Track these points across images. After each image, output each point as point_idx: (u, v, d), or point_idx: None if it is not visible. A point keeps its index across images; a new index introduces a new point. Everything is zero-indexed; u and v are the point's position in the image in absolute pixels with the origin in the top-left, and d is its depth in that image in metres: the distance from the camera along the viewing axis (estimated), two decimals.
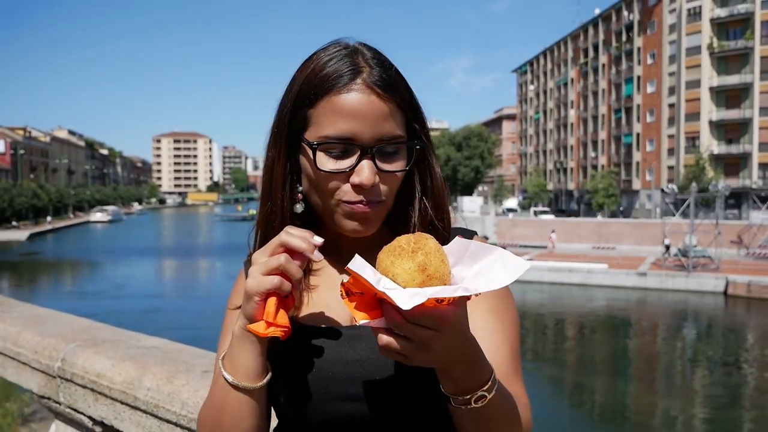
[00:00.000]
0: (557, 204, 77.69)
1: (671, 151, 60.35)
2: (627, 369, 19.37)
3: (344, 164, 0.96)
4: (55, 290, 33.20)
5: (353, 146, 0.95)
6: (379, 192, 0.98)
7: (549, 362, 19.57)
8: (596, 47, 73.79)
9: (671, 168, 59.96)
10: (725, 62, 56.66)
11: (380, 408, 0.96)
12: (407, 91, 1.01)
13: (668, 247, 34.60)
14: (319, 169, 0.96)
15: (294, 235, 0.91)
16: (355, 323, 0.77)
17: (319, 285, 1.07)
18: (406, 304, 0.70)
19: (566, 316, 26.53)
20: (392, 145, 0.97)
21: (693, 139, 57.85)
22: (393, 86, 0.97)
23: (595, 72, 73.68)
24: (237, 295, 1.10)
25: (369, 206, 0.97)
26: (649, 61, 63.15)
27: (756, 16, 54.43)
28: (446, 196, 1.08)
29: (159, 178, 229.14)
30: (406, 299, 0.70)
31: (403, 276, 0.74)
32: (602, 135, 72.42)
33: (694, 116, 57.69)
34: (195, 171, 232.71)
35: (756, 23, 54.41)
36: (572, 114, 79.77)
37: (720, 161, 56.52)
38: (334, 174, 0.96)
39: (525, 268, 0.76)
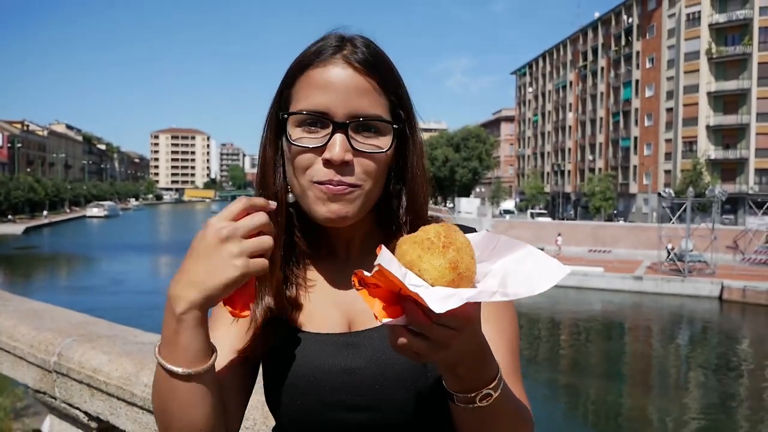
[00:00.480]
0: (554, 207, 77.73)
1: (668, 156, 60.48)
2: (622, 372, 19.41)
3: (317, 139, 0.92)
4: (51, 284, 33.10)
5: (327, 120, 0.91)
6: (353, 172, 0.92)
7: (544, 365, 19.57)
8: (595, 51, 73.89)
9: (668, 172, 60.07)
10: (723, 67, 56.81)
11: (378, 418, 0.93)
12: (392, 75, 0.97)
13: (671, 251, 34.25)
14: (290, 142, 0.93)
15: (253, 197, 0.87)
16: (377, 320, 0.71)
17: (315, 287, 1.03)
18: (440, 307, 0.64)
19: (562, 319, 26.56)
20: (372, 126, 0.93)
21: (690, 144, 57.98)
22: (375, 66, 0.94)
23: (594, 75, 73.79)
24: None
25: (340, 187, 0.91)
26: (648, 66, 63.28)
27: (754, 22, 54.58)
28: (426, 195, 1.02)
29: (156, 174, 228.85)
30: (439, 301, 0.64)
31: (432, 273, 0.69)
32: (600, 138, 72.53)
33: (692, 121, 57.82)
34: (192, 168, 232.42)
35: (754, 29, 54.56)
36: (570, 117, 79.87)
37: (717, 166, 56.65)
38: (308, 150, 0.92)
39: (564, 273, 0.70)
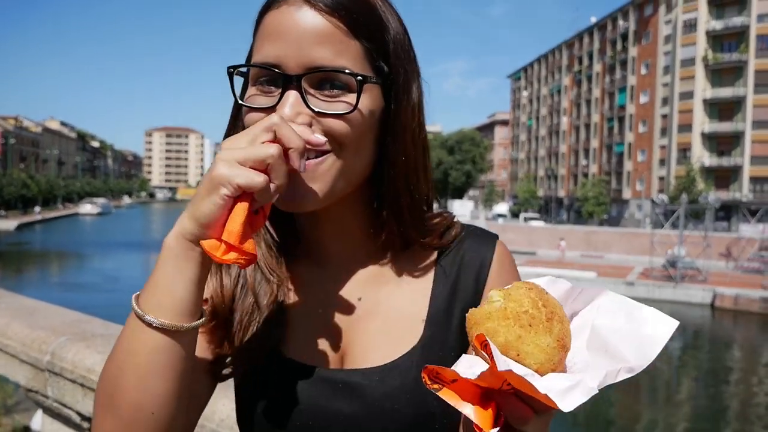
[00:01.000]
0: (547, 211, 78.00)
1: (662, 162, 60.73)
2: None
3: (270, 98, 0.76)
4: (44, 281, 32.90)
5: (279, 75, 0.75)
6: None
7: None
8: (591, 55, 74.18)
9: (662, 179, 60.33)
10: (719, 75, 57.13)
11: None
12: (371, 16, 0.78)
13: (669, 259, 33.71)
14: (237, 101, 0.79)
15: (287, 125, 0.69)
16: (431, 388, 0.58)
17: (298, 299, 0.89)
18: (569, 404, 0.53)
19: None
20: (336, 80, 0.75)
21: (684, 151, 58.24)
22: (343, 4, 0.75)
23: (589, 80, 74.07)
24: None
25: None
26: (643, 71, 63.56)
27: (751, 30, 54.90)
28: (428, 177, 0.86)
29: (149, 173, 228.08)
30: (566, 397, 0.53)
31: (539, 357, 0.56)
32: (594, 143, 72.77)
33: (687, 128, 58.10)
34: (186, 166, 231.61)
35: (751, 36, 54.88)
36: (565, 121, 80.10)
37: (711, 173, 56.93)
38: (256, 110, 0.76)
39: (675, 326, 0.60)
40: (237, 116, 0.83)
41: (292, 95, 0.73)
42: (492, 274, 0.89)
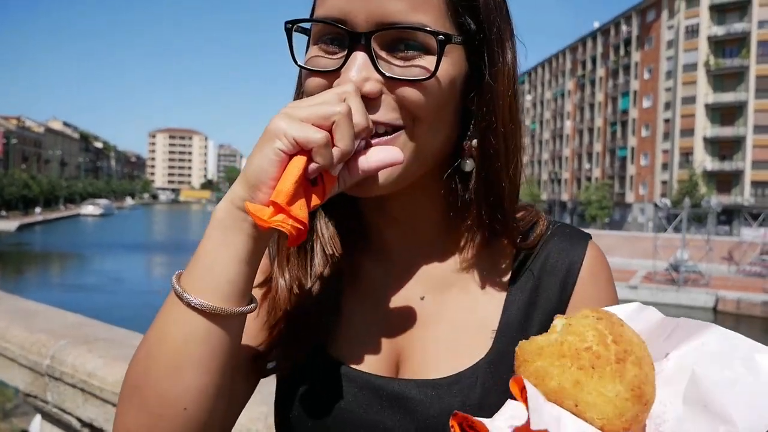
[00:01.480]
0: (551, 214, 77.81)
1: (665, 166, 60.72)
2: None
3: (334, 61, 0.66)
4: (45, 283, 32.89)
5: (345, 33, 0.64)
6: (386, 108, 0.65)
7: None
8: (594, 60, 74.20)
9: (665, 183, 60.30)
10: (721, 80, 57.17)
11: None
12: None
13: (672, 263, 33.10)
14: (297, 63, 0.69)
15: (359, 98, 0.61)
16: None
17: (354, 297, 0.79)
18: None
19: None
20: (412, 40, 0.64)
21: (687, 155, 58.24)
22: None
23: (593, 84, 74.06)
24: None
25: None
26: (646, 76, 63.57)
27: (753, 36, 54.92)
28: (518, 165, 0.74)
29: (152, 174, 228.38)
30: None
31: (604, 409, 0.44)
32: (597, 147, 72.75)
33: (689, 132, 58.12)
34: (189, 168, 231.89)
35: (752, 42, 54.90)
36: (568, 125, 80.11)
37: (713, 178, 56.92)
38: (317, 75, 0.66)
39: None
40: (302, 83, 0.73)
41: (360, 57, 0.63)
42: (581, 283, 0.79)
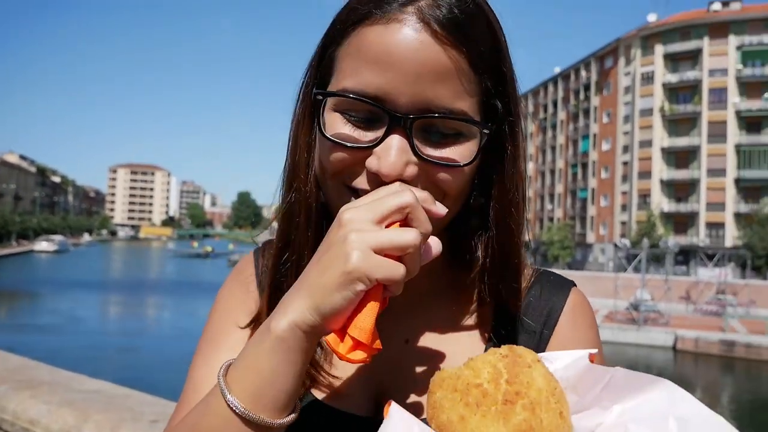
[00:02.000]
0: None
1: (624, 207, 62.42)
2: None
3: (364, 136, 0.63)
4: None
5: (381, 111, 0.61)
6: (412, 185, 0.63)
7: None
8: (555, 104, 76.61)
9: (624, 223, 61.86)
10: (675, 125, 59.63)
11: None
12: (493, 44, 0.64)
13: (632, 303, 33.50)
14: (324, 134, 0.64)
15: (421, 207, 0.58)
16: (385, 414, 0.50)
17: None
18: None
19: None
20: (451, 127, 0.63)
21: (645, 197, 60.06)
22: (466, 28, 0.61)
23: (554, 128, 76.26)
24: (239, 292, 0.81)
25: None
26: (605, 120, 65.82)
27: (704, 84, 57.67)
28: (521, 222, 0.73)
29: (112, 210, 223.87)
30: None
31: None
32: (559, 188, 74.49)
33: (646, 174, 60.09)
34: (150, 204, 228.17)
35: (704, 90, 57.62)
36: (531, 167, 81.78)
37: (670, 219, 58.71)
38: (346, 150, 0.63)
39: None
40: (309, 147, 0.69)
41: (399, 140, 0.60)
42: (559, 327, 0.78)
